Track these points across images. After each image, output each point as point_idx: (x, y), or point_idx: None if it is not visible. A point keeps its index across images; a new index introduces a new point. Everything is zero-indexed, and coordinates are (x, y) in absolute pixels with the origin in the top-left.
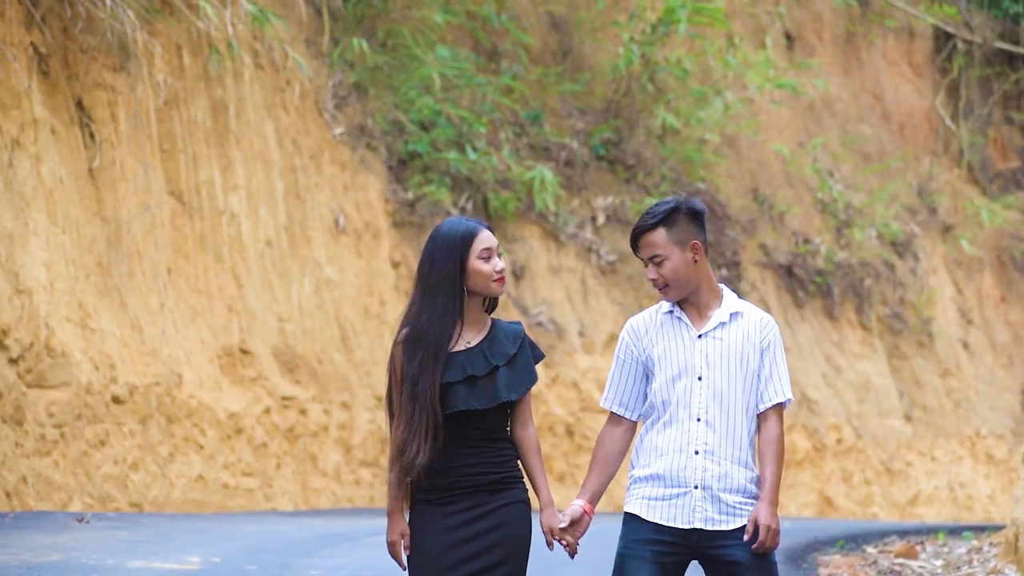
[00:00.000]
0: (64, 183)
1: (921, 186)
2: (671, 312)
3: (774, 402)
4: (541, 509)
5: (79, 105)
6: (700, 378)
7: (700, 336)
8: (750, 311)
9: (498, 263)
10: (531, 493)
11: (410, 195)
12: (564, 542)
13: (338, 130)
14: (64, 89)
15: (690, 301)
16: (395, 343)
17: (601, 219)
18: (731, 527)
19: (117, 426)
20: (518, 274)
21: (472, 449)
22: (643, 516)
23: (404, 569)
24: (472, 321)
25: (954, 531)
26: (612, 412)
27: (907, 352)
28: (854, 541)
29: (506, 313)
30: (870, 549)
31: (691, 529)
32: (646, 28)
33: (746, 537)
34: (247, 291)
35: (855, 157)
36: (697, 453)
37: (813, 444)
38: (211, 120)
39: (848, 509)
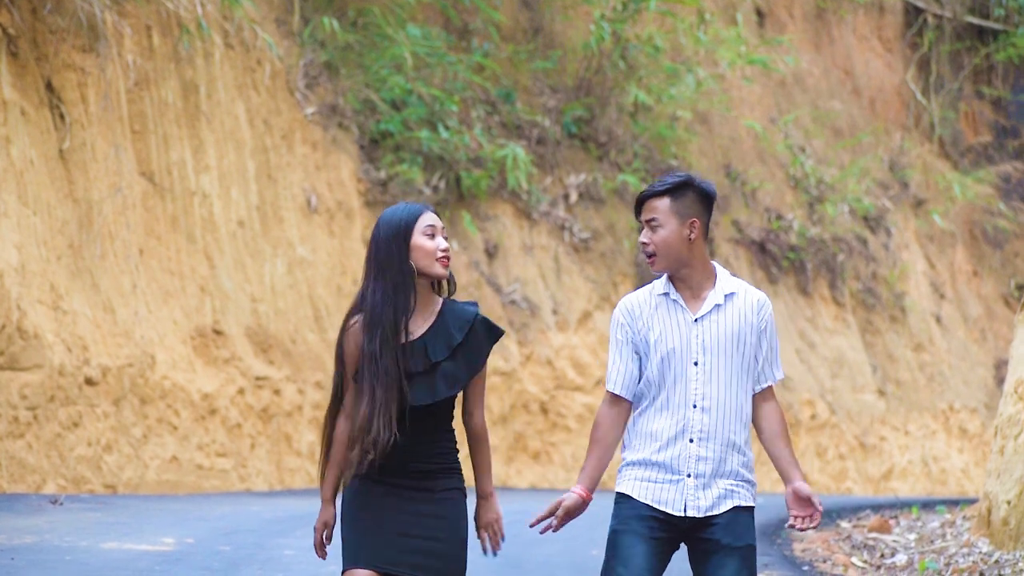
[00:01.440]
0: (35, 165)
1: (893, 161)
2: (666, 294)
3: (771, 383)
4: (479, 499)
5: (48, 86)
6: (696, 363)
7: (696, 320)
8: (745, 291)
9: (442, 242)
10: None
11: (382, 174)
12: (488, 542)
13: (309, 110)
14: (33, 70)
15: (683, 282)
16: (346, 329)
17: (574, 197)
18: (720, 510)
19: (90, 408)
20: (491, 252)
21: (412, 442)
22: (636, 496)
23: (321, 554)
24: (420, 306)
25: (928, 505)
26: (613, 394)
27: (880, 327)
28: (828, 516)
29: (479, 292)
30: (844, 524)
31: (683, 516)
32: (617, 5)
33: (798, 515)
34: (219, 271)
35: (827, 133)
36: (692, 441)
37: (787, 419)
38: (182, 101)
39: (822, 484)
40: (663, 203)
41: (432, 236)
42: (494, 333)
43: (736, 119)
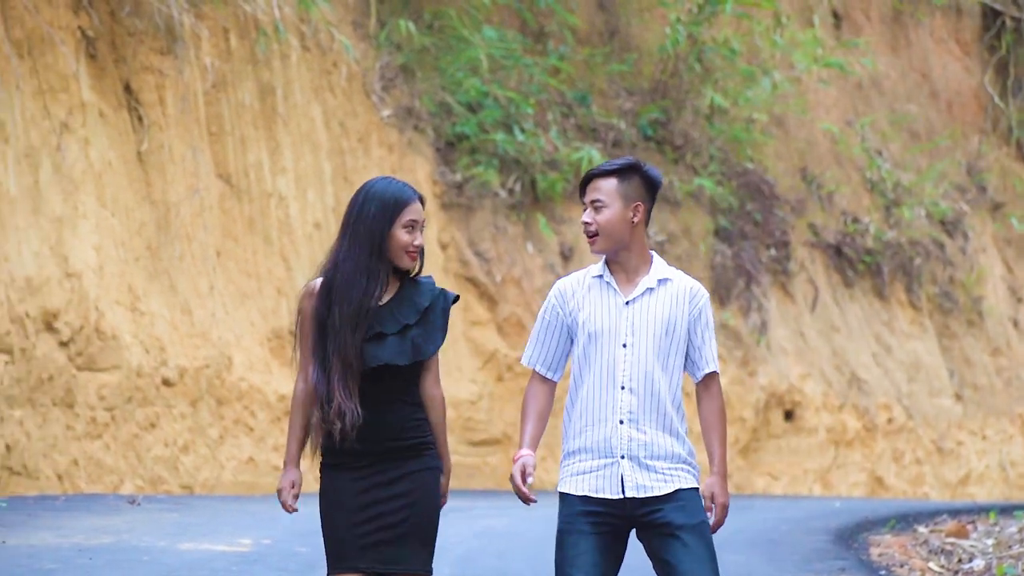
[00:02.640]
0: (113, 166)
1: (970, 164)
2: (600, 276)
3: (709, 370)
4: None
5: (127, 88)
6: (625, 345)
7: (628, 303)
8: (679, 278)
9: (418, 237)
10: None
11: (458, 177)
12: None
13: (385, 112)
14: (112, 72)
15: (620, 265)
16: (310, 290)
17: None
18: (663, 492)
19: (167, 408)
20: (566, 255)
21: (381, 411)
22: (574, 492)
23: (290, 512)
24: (382, 278)
25: (1005, 510)
26: (535, 371)
27: (957, 331)
28: (905, 521)
29: None
30: (921, 529)
31: (621, 499)
32: (693, 8)
33: (709, 514)
34: (296, 273)
35: (903, 136)
36: (622, 422)
37: (864, 424)
38: (259, 103)
39: (899, 489)
40: (609, 184)
41: (411, 230)
42: (450, 298)
43: (812, 122)
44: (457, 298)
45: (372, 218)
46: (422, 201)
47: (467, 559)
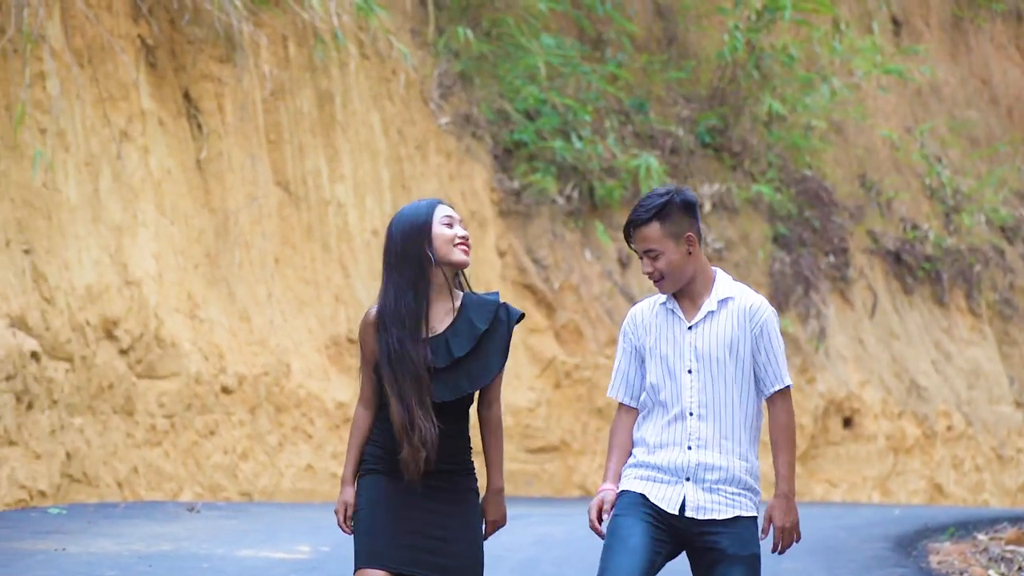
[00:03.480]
0: (172, 174)
1: None
2: (666, 303)
3: (775, 388)
4: (488, 494)
5: (186, 96)
6: (690, 371)
7: (690, 328)
8: (741, 295)
9: (460, 230)
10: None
11: (516, 184)
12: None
13: (443, 119)
14: (171, 81)
15: (683, 291)
16: (365, 320)
17: (707, 207)
18: (723, 516)
19: (226, 416)
20: (624, 262)
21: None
22: (634, 489)
23: (346, 531)
24: (440, 300)
25: None
26: (621, 403)
27: (1017, 338)
28: (964, 528)
29: (612, 302)
30: (981, 536)
31: (679, 515)
32: (751, 14)
33: (762, 536)
34: (354, 280)
35: (963, 142)
36: (690, 448)
37: (923, 431)
38: (317, 110)
39: (958, 496)
40: (654, 230)
41: (450, 225)
42: (514, 316)
43: (871, 128)
44: (522, 316)
45: (406, 235)
46: (450, 206)
47: (525, 566)
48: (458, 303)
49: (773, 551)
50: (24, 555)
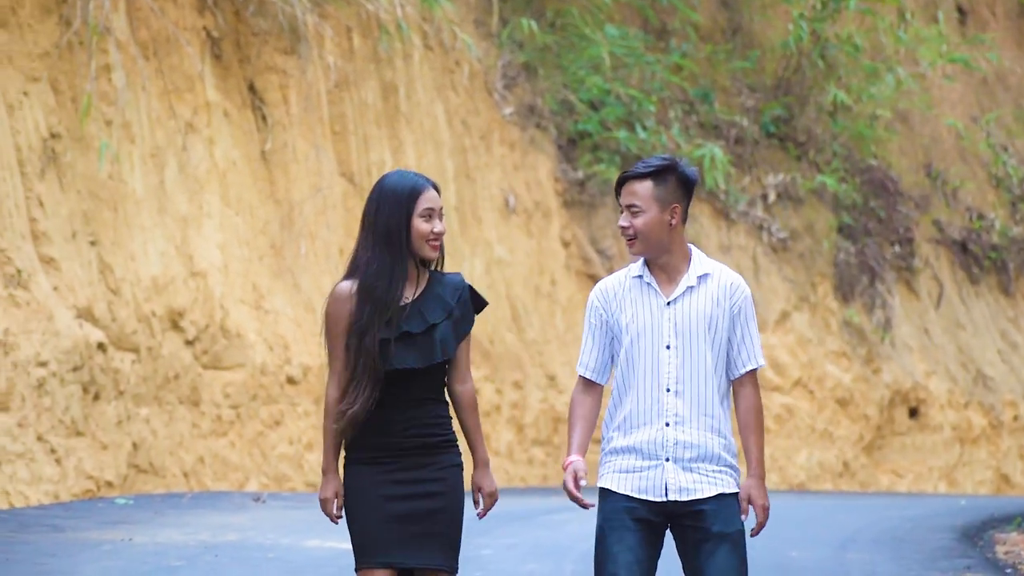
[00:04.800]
0: (237, 166)
1: None
2: (640, 277)
3: (747, 368)
4: (475, 467)
5: (251, 88)
6: (669, 347)
7: (669, 303)
8: (719, 273)
9: (437, 225)
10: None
11: (580, 174)
12: (483, 506)
13: (507, 110)
14: (236, 72)
15: (659, 265)
16: (339, 294)
17: (772, 197)
18: (705, 494)
19: (291, 406)
20: None
21: (408, 409)
22: (616, 489)
23: (335, 523)
24: (409, 276)
25: None
26: (583, 377)
27: None
28: None
29: None
30: None
31: (664, 502)
32: (816, 4)
33: (743, 517)
34: None
35: None
36: (668, 425)
37: (989, 421)
38: (381, 102)
39: None
40: (644, 187)
41: (428, 218)
42: (480, 302)
43: (937, 118)
44: (486, 304)
45: (389, 213)
46: (437, 189)
47: (587, 557)
48: (425, 278)
49: (754, 534)
50: (91, 545)
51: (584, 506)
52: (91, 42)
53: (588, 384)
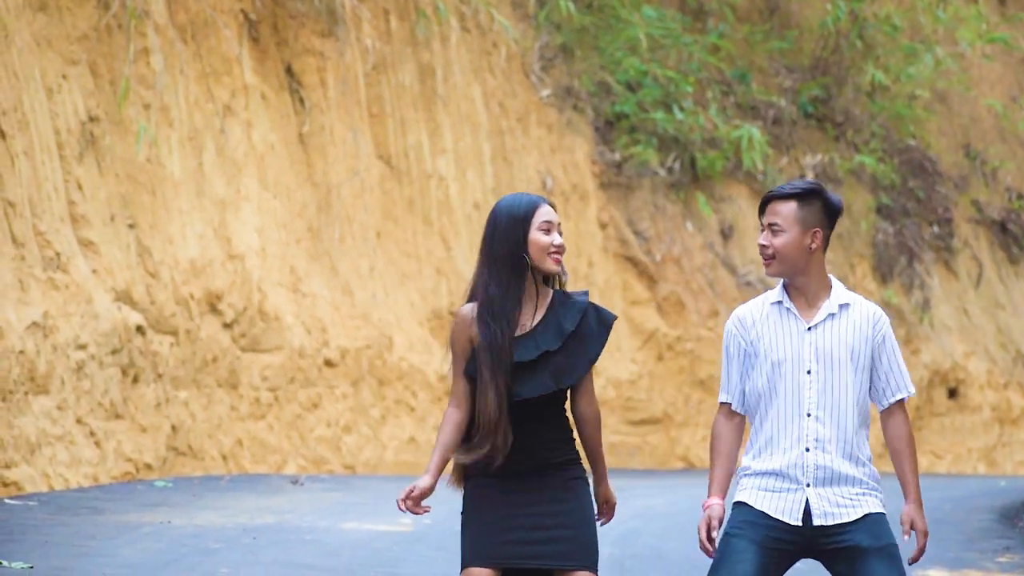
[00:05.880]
0: (275, 149)
1: None
2: (779, 303)
3: (897, 397)
4: (598, 482)
5: (288, 71)
6: (809, 372)
7: (810, 328)
8: (860, 303)
9: (556, 237)
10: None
11: (617, 156)
12: (604, 519)
13: (545, 92)
14: (274, 55)
15: (799, 290)
16: (460, 318)
17: (810, 177)
18: (852, 517)
19: (329, 389)
20: (726, 234)
21: (532, 432)
22: (753, 504)
23: (417, 514)
24: (530, 298)
25: None
26: (726, 405)
27: None
28: None
29: (714, 274)
30: None
31: (803, 526)
32: None
33: (905, 538)
34: (456, 254)
35: None
36: (808, 450)
37: None
38: (418, 84)
39: None
40: (788, 208)
41: (548, 231)
42: (606, 321)
43: (976, 98)
44: (614, 320)
45: (505, 231)
46: (552, 206)
47: (626, 539)
48: (548, 300)
49: (913, 561)
50: (130, 527)
51: (710, 556)
52: (129, 25)
53: (731, 413)
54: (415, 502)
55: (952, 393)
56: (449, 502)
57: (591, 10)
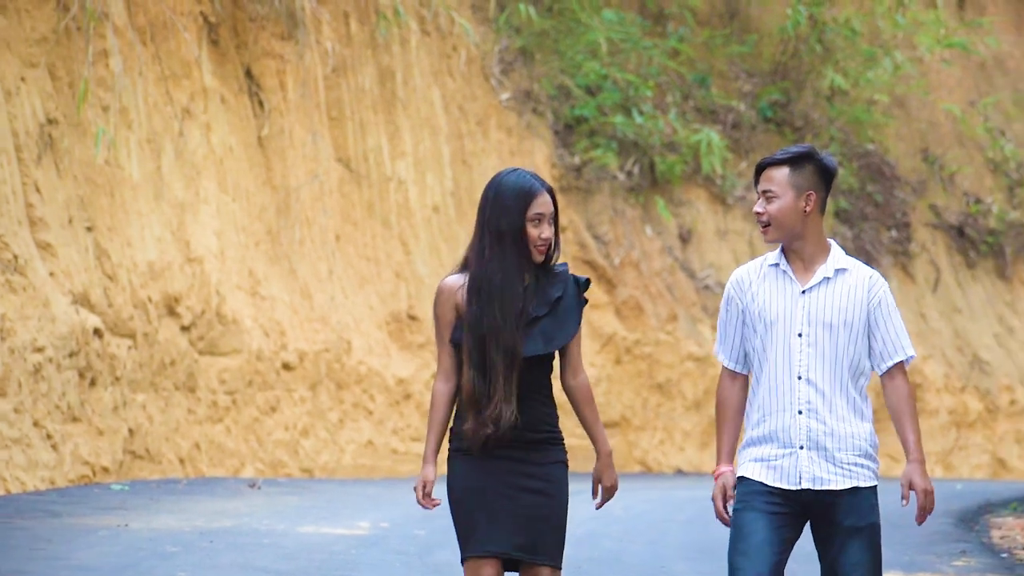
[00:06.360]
0: (234, 151)
1: None
2: (776, 265)
3: (895, 360)
4: (598, 458)
5: (248, 74)
6: (800, 335)
7: (804, 292)
8: (857, 268)
9: (545, 230)
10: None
11: (576, 160)
12: (601, 499)
13: (504, 95)
14: (233, 58)
15: (796, 253)
16: (451, 289)
17: None
18: (841, 487)
19: (287, 392)
20: (685, 238)
21: (520, 405)
22: (753, 477)
23: (431, 509)
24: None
25: None
26: (724, 367)
27: None
28: None
29: (673, 277)
30: None
31: (799, 490)
32: None
33: (904, 503)
34: (415, 257)
35: None
36: (800, 413)
37: (985, 405)
38: (378, 87)
39: (1021, 471)
40: (781, 173)
41: (537, 223)
42: (583, 284)
43: (934, 103)
44: (588, 282)
45: (501, 213)
46: (551, 193)
47: (584, 541)
48: (530, 274)
49: (919, 521)
50: (87, 531)
51: (727, 524)
52: (88, 28)
53: (733, 375)
54: (428, 497)
55: None
56: (406, 504)
57: (551, 14)
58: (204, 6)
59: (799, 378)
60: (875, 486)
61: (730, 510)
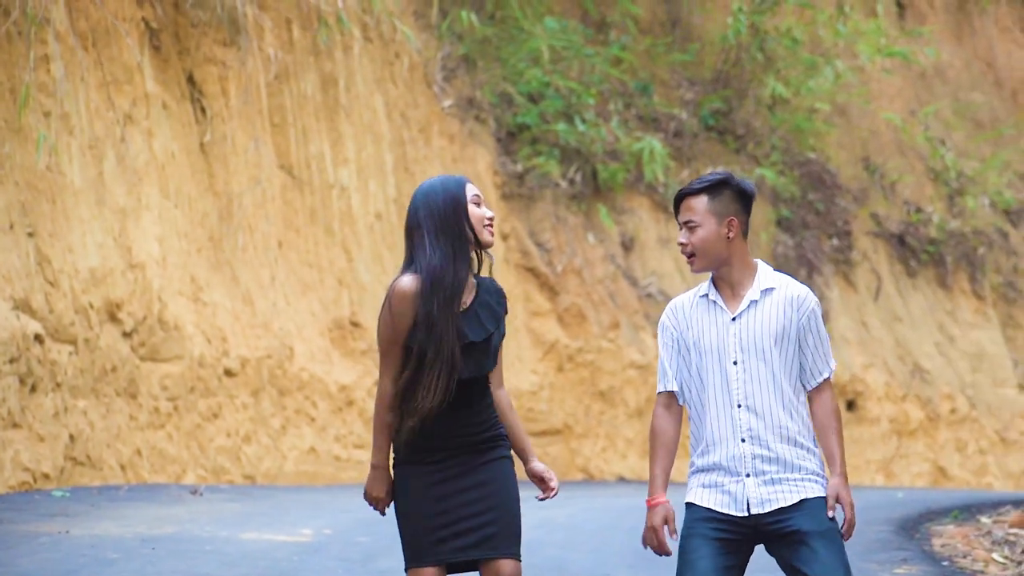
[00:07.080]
0: (176, 158)
1: None
2: (706, 295)
3: (823, 376)
4: (527, 460)
5: (190, 80)
6: (735, 363)
7: (734, 319)
8: (784, 285)
9: (487, 210)
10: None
11: (519, 167)
12: (545, 489)
13: (447, 103)
14: (175, 64)
15: (724, 280)
16: (400, 292)
17: None
18: (788, 502)
19: (229, 399)
20: (627, 245)
21: (458, 412)
22: (699, 503)
23: (384, 515)
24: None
25: None
26: (664, 393)
27: (1021, 321)
28: (968, 511)
29: (616, 285)
30: (984, 519)
31: (748, 516)
32: None
33: (830, 513)
34: (357, 264)
35: (967, 125)
36: (744, 441)
37: (926, 414)
38: (321, 94)
39: (962, 479)
40: (700, 202)
41: (479, 204)
42: (504, 301)
43: (875, 112)
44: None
45: (443, 205)
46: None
47: (528, 549)
48: (474, 280)
49: (846, 537)
50: (28, 538)
51: (666, 554)
52: (30, 32)
53: (670, 401)
54: (380, 502)
55: (850, 405)
56: (349, 511)
57: (493, 21)
58: (146, 12)
59: (739, 406)
60: (823, 497)
61: (663, 538)
